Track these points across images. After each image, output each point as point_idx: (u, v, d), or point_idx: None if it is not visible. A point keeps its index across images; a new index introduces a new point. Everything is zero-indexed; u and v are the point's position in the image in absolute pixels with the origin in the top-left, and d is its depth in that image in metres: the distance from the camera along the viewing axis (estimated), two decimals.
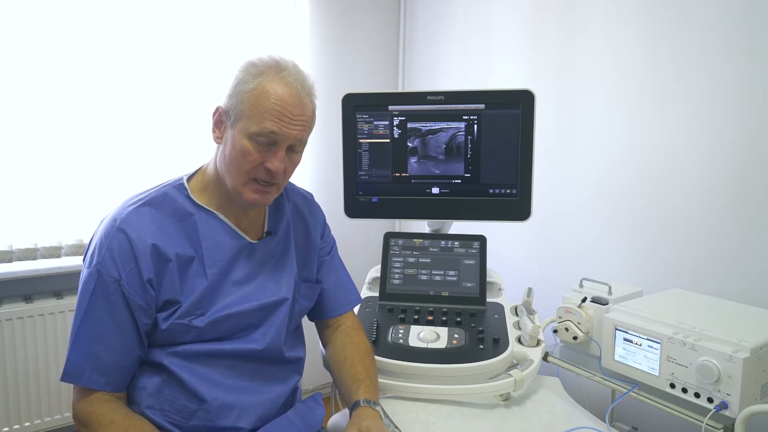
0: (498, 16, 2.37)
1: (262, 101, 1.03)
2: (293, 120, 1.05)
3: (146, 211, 1.06)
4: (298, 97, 1.06)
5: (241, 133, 1.04)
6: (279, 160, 1.05)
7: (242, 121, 1.04)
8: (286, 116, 1.03)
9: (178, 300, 1.05)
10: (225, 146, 1.08)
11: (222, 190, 1.12)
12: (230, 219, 1.14)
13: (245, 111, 1.03)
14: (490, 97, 1.53)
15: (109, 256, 1.01)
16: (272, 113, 1.03)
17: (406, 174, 1.58)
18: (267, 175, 1.06)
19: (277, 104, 1.03)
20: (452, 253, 1.56)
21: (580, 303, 1.42)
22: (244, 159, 1.04)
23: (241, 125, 1.04)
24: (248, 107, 1.03)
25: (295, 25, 2.63)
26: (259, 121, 1.02)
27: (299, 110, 1.05)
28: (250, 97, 1.03)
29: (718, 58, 1.60)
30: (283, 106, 1.03)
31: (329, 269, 1.32)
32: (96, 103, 2.14)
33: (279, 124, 1.03)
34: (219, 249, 1.11)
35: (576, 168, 2.05)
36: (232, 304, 1.10)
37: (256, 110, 1.03)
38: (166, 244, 1.05)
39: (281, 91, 1.04)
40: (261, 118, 1.02)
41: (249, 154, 1.04)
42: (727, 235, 1.61)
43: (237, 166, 1.06)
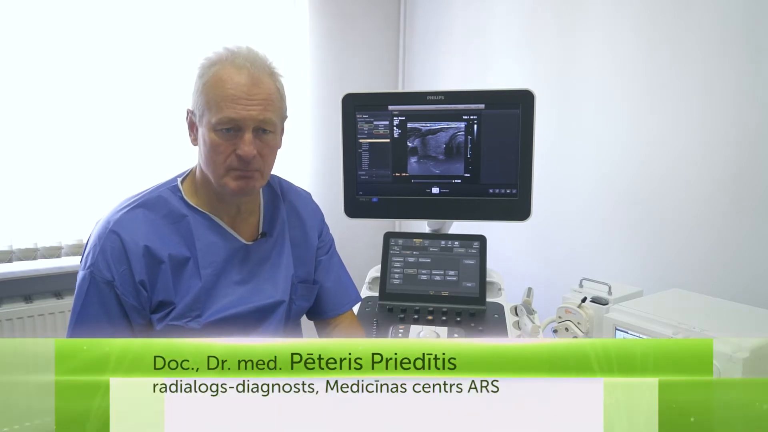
0: (498, 17, 2.37)
1: (217, 90, 1.02)
2: (249, 101, 1.03)
3: (139, 213, 1.07)
4: (250, 76, 1.04)
5: (207, 127, 1.04)
6: (248, 144, 1.03)
7: (206, 116, 1.04)
8: (241, 98, 1.02)
9: (171, 301, 1.06)
10: (200, 146, 1.08)
11: (211, 191, 1.12)
12: (224, 220, 1.14)
13: (205, 105, 1.04)
14: (490, 97, 1.52)
15: (102, 257, 1.02)
16: (228, 99, 1.02)
17: (406, 174, 1.58)
18: (240, 162, 1.05)
19: (230, 89, 1.02)
20: (452, 253, 1.56)
21: (580, 303, 1.42)
22: (215, 152, 1.04)
23: (206, 119, 1.04)
24: (206, 100, 1.03)
25: (294, 26, 2.63)
26: (217, 111, 1.02)
27: (255, 90, 1.04)
28: (206, 89, 1.04)
29: (717, 59, 1.60)
30: (237, 89, 1.02)
31: (328, 268, 1.32)
32: (96, 103, 2.14)
33: (236, 108, 1.02)
34: (213, 250, 1.11)
35: (576, 168, 2.05)
36: (228, 307, 1.10)
37: (213, 101, 1.02)
38: (159, 246, 1.05)
39: (233, 75, 1.03)
40: (218, 107, 1.02)
41: (218, 145, 1.04)
42: (726, 235, 1.61)
43: (212, 160, 1.05)
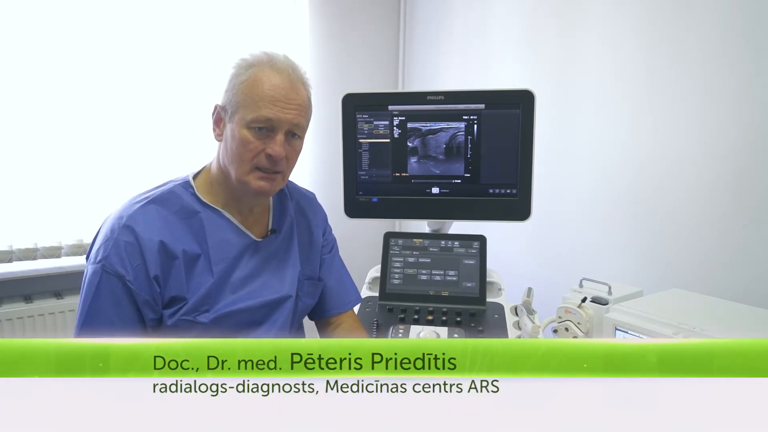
0: (498, 17, 2.37)
1: (256, 89, 1.04)
2: (287, 104, 1.06)
3: (153, 209, 1.07)
4: (290, 81, 1.07)
5: (239, 123, 1.05)
6: (279, 145, 1.06)
7: (239, 112, 1.05)
8: (280, 101, 1.05)
9: (184, 297, 1.06)
10: (226, 141, 1.09)
11: (227, 188, 1.13)
12: (236, 217, 1.15)
13: (240, 102, 1.05)
14: (490, 97, 1.53)
15: (115, 252, 1.02)
16: (266, 99, 1.04)
17: (406, 174, 1.58)
18: (269, 162, 1.07)
19: (270, 90, 1.05)
20: (452, 253, 1.56)
21: (580, 303, 1.42)
22: (245, 148, 1.05)
23: (238, 116, 1.05)
24: (243, 98, 1.05)
25: (294, 26, 2.63)
26: (254, 109, 1.04)
27: (293, 94, 1.07)
28: (243, 88, 1.05)
29: (717, 59, 1.60)
30: (276, 91, 1.05)
31: (330, 268, 1.33)
32: (96, 103, 2.14)
33: (274, 109, 1.04)
34: (225, 246, 1.11)
35: (576, 168, 2.06)
36: (237, 301, 1.11)
37: (250, 99, 1.04)
38: (173, 241, 1.06)
39: (273, 77, 1.06)
40: (256, 106, 1.04)
41: (249, 143, 1.05)
42: (726, 235, 1.61)
43: (239, 156, 1.06)
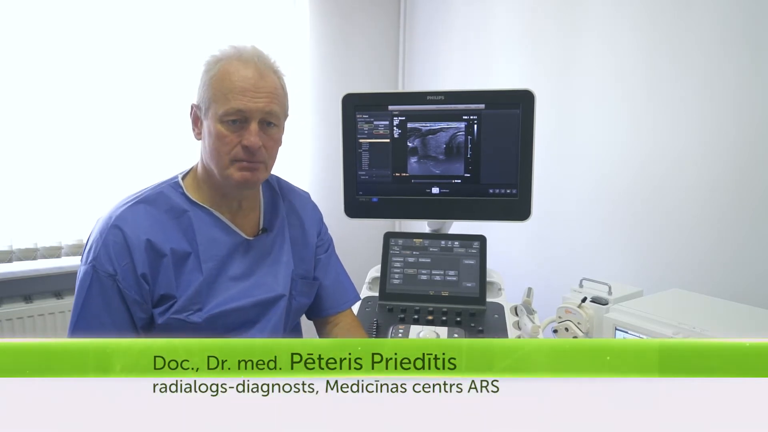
0: (498, 17, 2.37)
1: (224, 82, 1.05)
2: (257, 93, 1.06)
3: (141, 208, 1.08)
4: (257, 70, 1.07)
5: (213, 119, 1.06)
6: (253, 135, 1.06)
7: (212, 108, 1.06)
8: (249, 90, 1.05)
9: (173, 295, 1.06)
10: (204, 139, 1.10)
11: (213, 186, 1.13)
12: (225, 215, 1.15)
13: (212, 97, 1.06)
14: (490, 97, 1.53)
15: (105, 251, 1.03)
16: (235, 91, 1.05)
17: (406, 174, 1.58)
18: (246, 153, 1.07)
19: (238, 81, 1.05)
20: (452, 253, 1.56)
21: (580, 303, 1.42)
22: (221, 142, 1.06)
23: (211, 111, 1.06)
24: (213, 92, 1.06)
25: (295, 25, 2.63)
26: (225, 102, 1.04)
27: (262, 82, 1.07)
28: (213, 83, 1.06)
29: (717, 59, 1.60)
30: (244, 81, 1.05)
31: (327, 267, 1.33)
32: (95, 103, 2.14)
33: (243, 99, 1.05)
34: (214, 244, 1.12)
35: (576, 168, 2.06)
36: (229, 300, 1.11)
37: (220, 93, 1.05)
38: (161, 240, 1.06)
39: (240, 68, 1.06)
40: (226, 99, 1.05)
41: (224, 137, 1.06)
42: (726, 235, 1.61)
43: (217, 151, 1.07)
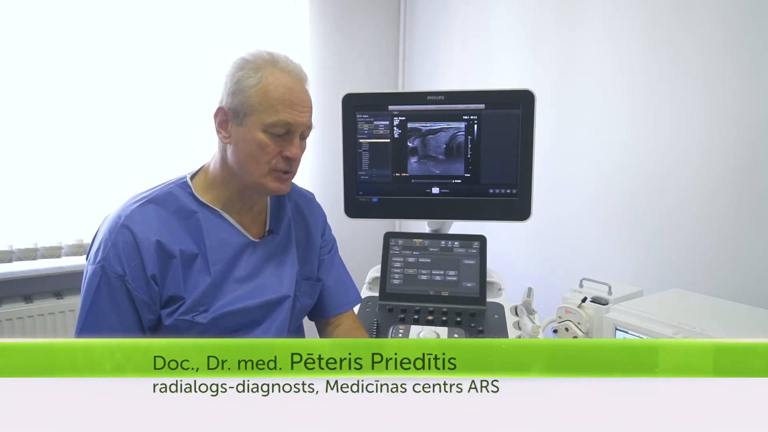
0: (498, 17, 2.37)
1: (271, 93, 1.05)
2: (302, 107, 1.08)
3: (150, 209, 1.07)
4: (301, 83, 1.10)
5: (254, 127, 1.06)
6: (296, 147, 1.09)
7: (254, 116, 1.05)
8: (296, 104, 1.07)
9: (181, 296, 1.06)
10: (236, 144, 1.08)
11: (229, 188, 1.13)
12: (233, 217, 1.15)
13: (255, 106, 1.05)
14: (490, 97, 1.53)
15: (114, 252, 1.02)
16: (284, 104, 1.05)
17: (406, 174, 1.58)
18: (286, 164, 1.09)
19: (286, 94, 1.06)
20: (452, 253, 1.56)
21: (580, 303, 1.42)
22: (262, 152, 1.06)
23: (253, 120, 1.06)
24: (257, 102, 1.05)
25: (294, 26, 2.63)
26: (272, 113, 1.05)
27: (305, 96, 1.10)
28: (256, 92, 1.05)
29: (718, 59, 1.60)
30: (291, 95, 1.06)
31: (329, 268, 1.33)
32: (96, 103, 2.14)
33: (292, 113, 1.06)
34: (222, 246, 1.12)
35: (576, 168, 2.05)
36: (235, 301, 1.11)
37: (267, 103, 1.05)
38: (170, 241, 1.06)
39: (286, 81, 1.07)
40: (274, 110, 1.05)
41: (267, 146, 1.06)
42: (726, 235, 1.61)
43: (255, 160, 1.07)
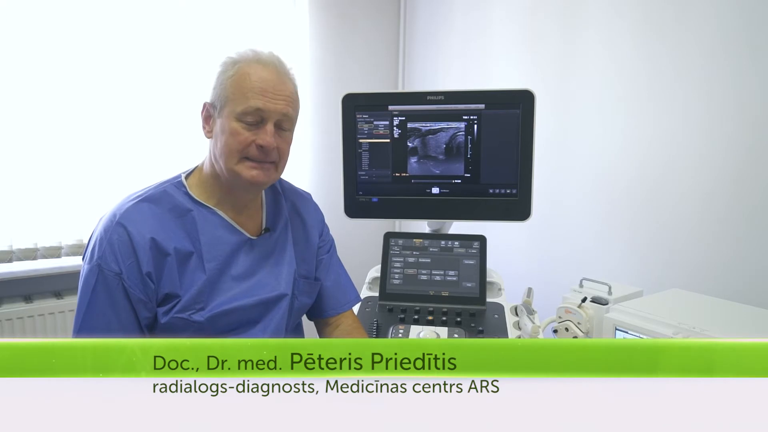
0: (497, 17, 2.37)
1: (244, 82, 1.06)
2: (276, 95, 1.08)
3: (145, 207, 1.08)
4: (277, 73, 1.09)
5: (228, 117, 1.07)
6: (269, 135, 1.08)
7: (228, 106, 1.07)
8: (268, 92, 1.07)
9: (177, 294, 1.06)
10: (216, 136, 1.10)
11: (220, 185, 1.13)
12: (229, 215, 1.15)
13: (229, 95, 1.07)
14: (490, 97, 1.53)
15: (110, 250, 1.02)
16: (255, 91, 1.06)
17: (406, 174, 1.58)
18: (260, 152, 1.08)
19: (258, 82, 1.06)
20: (452, 253, 1.56)
21: (580, 303, 1.42)
22: (234, 139, 1.07)
23: (227, 110, 1.07)
24: (231, 91, 1.07)
25: (294, 26, 2.63)
26: (243, 101, 1.06)
27: (281, 86, 1.09)
28: (231, 82, 1.07)
29: (716, 58, 1.60)
30: (264, 82, 1.07)
31: (328, 268, 1.33)
32: (95, 103, 2.14)
33: (263, 99, 1.06)
34: (218, 244, 1.12)
35: (576, 168, 2.06)
36: (232, 300, 1.11)
37: (239, 92, 1.06)
38: (165, 239, 1.06)
39: (260, 70, 1.08)
40: (245, 97, 1.06)
41: (239, 134, 1.07)
42: (726, 235, 1.61)
43: (230, 148, 1.07)
